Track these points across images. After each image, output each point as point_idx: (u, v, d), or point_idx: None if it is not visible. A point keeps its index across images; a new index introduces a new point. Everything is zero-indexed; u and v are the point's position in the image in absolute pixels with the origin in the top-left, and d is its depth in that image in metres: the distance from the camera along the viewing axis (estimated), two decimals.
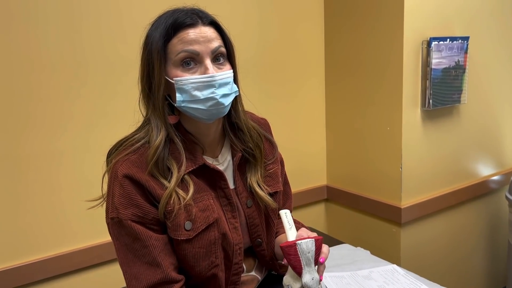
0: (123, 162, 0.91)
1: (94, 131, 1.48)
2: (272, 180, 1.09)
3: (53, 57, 1.38)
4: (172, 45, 0.90)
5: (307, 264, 0.89)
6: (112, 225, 0.92)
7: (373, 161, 1.89)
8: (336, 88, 2.01)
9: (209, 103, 0.90)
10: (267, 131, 1.14)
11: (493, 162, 2.14)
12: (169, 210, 0.91)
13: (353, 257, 1.70)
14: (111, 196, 0.92)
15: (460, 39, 1.78)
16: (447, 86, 1.78)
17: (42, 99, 1.38)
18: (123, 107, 1.50)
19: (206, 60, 0.90)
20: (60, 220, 1.45)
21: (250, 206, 1.05)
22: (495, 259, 2.28)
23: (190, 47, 0.89)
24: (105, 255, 1.52)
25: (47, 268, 1.43)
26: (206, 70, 0.89)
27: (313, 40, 1.99)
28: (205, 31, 0.90)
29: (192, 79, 0.89)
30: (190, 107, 0.91)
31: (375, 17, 1.76)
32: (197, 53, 0.89)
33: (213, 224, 0.95)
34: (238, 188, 1.03)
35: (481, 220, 2.15)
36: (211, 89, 0.90)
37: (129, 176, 0.90)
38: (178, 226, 0.91)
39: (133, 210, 0.90)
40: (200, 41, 0.89)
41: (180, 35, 0.89)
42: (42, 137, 1.39)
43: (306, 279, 0.88)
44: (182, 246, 0.93)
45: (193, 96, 0.89)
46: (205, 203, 0.95)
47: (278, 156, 1.16)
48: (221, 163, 1.02)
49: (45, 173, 1.41)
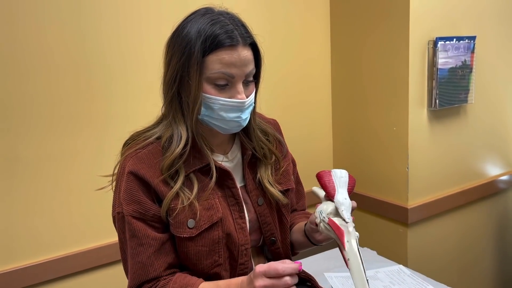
0: (131, 157, 0.94)
1: (103, 132, 1.50)
2: (283, 178, 1.09)
3: (61, 57, 1.40)
4: (209, 60, 0.88)
5: (341, 186, 0.91)
6: (118, 219, 0.95)
7: (379, 161, 1.88)
8: (342, 88, 2.01)
9: (232, 125, 0.94)
10: (277, 131, 1.14)
11: (501, 162, 2.13)
12: (172, 208, 0.92)
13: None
14: (118, 191, 0.95)
15: (467, 38, 1.77)
16: (454, 86, 1.77)
17: (50, 99, 1.40)
18: (134, 108, 1.52)
19: (238, 84, 0.91)
20: (67, 221, 1.47)
21: (261, 204, 1.05)
22: (505, 260, 2.26)
23: (228, 70, 0.89)
24: (114, 255, 1.53)
25: (56, 268, 1.45)
26: (237, 95, 0.91)
27: (319, 40, 2.00)
28: (244, 55, 0.90)
29: (222, 100, 0.90)
30: (212, 123, 0.94)
31: (381, 17, 1.76)
32: (233, 77, 0.90)
33: (216, 224, 0.95)
34: (248, 186, 1.04)
35: (490, 220, 2.14)
36: (238, 113, 0.92)
37: (134, 172, 0.91)
38: (180, 224, 0.93)
39: (134, 207, 0.91)
40: (237, 65, 0.89)
41: (220, 54, 0.88)
42: (50, 138, 1.41)
43: (339, 197, 0.89)
44: (184, 243, 0.94)
45: (219, 115, 0.92)
46: (210, 202, 0.96)
47: (289, 155, 1.16)
48: (231, 160, 1.03)
49: (53, 174, 1.43)
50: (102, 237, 1.53)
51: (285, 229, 1.09)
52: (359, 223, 2.02)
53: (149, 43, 1.53)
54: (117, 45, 1.48)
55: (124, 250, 0.97)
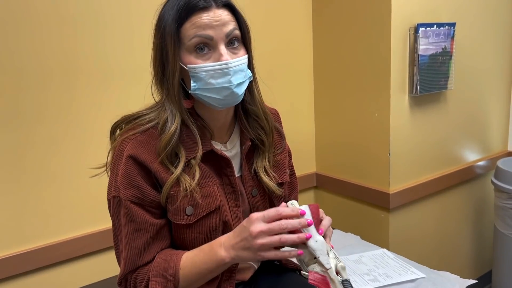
0: (130, 141, 0.91)
1: (97, 119, 1.46)
2: (279, 170, 1.08)
3: (57, 58, 1.36)
4: (185, 29, 0.87)
5: (308, 230, 0.86)
6: (113, 203, 0.92)
7: (361, 148, 1.90)
8: (324, 75, 2.02)
9: (224, 93, 0.89)
10: (277, 122, 1.13)
11: (479, 148, 2.18)
12: (171, 195, 0.90)
13: (343, 242, 1.72)
14: (114, 174, 0.92)
15: (447, 25, 1.79)
16: (434, 72, 1.79)
17: (49, 95, 1.36)
18: (118, 96, 1.49)
19: (220, 46, 0.87)
20: (60, 207, 1.44)
21: (255, 195, 1.04)
22: (482, 243, 2.32)
23: (203, 32, 0.86)
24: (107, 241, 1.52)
25: (40, 258, 1.42)
26: (221, 57, 0.87)
27: (301, 27, 1.99)
28: (219, 14, 0.87)
29: (206, 66, 0.87)
30: (205, 95, 0.90)
31: (363, 3, 1.76)
32: (211, 38, 0.87)
33: (214, 211, 0.94)
34: (244, 176, 1.02)
35: (468, 204, 2.19)
36: (226, 77, 0.88)
37: (134, 156, 0.89)
38: (179, 211, 0.91)
39: (133, 191, 0.89)
40: (213, 26, 0.86)
41: (193, 19, 0.86)
42: (45, 126, 1.38)
43: (311, 243, 0.85)
44: (182, 230, 0.93)
45: (208, 83, 0.88)
46: (208, 190, 0.94)
47: (286, 147, 1.15)
48: (229, 150, 1.01)
49: (45, 161, 1.40)
50: (94, 224, 1.51)
51: None
52: (342, 209, 2.04)
53: (139, 30, 1.50)
54: (107, 34, 1.45)
55: (117, 235, 0.95)
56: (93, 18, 1.43)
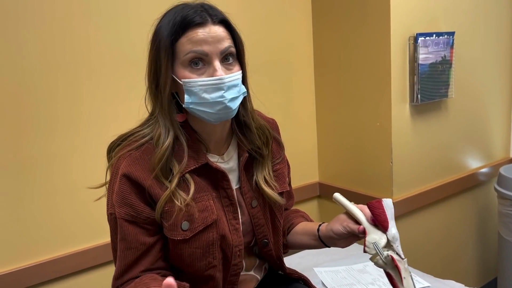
0: (124, 158, 0.92)
1: (94, 133, 1.47)
2: (279, 180, 1.08)
3: (53, 57, 1.38)
4: (180, 44, 0.88)
5: (391, 218, 0.93)
6: (110, 219, 0.95)
7: (364, 157, 1.91)
8: (326, 85, 2.03)
9: (218, 107, 0.90)
10: (275, 131, 1.13)
11: (481, 155, 2.18)
12: (166, 210, 0.91)
13: (348, 251, 1.72)
14: (111, 192, 0.94)
15: (446, 34, 1.81)
16: (435, 81, 1.80)
17: (43, 100, 1.37)
18: (123, 109, 1.50)
19: (214, 61, 0.88)
20: (58, 222, 1.44)
21: (255, 206, 1.03)
22: (486, 250, 2.31)
23: (198, 47, 0.87)
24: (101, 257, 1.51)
25: (46, 271, 1.42)
26: (215, 72, 0.88)
27: (302, 37, 2.00)
28: (215, 31, 0.89)
29: (200, 81, 0.88)
30: (198, 109, 0.90)
31: (363, 14, 1.78)
32: (206, 54, 0.88)
33: (211, 225, 0.94)
34: (243, 188, 1.02)
35: (471, 212, 2.19)
36: (220, 92, 0.88)
37: (127, 174, 0.90)
38: (174, 226, 0.91)
39: (126, 209, 0.90)
40: (209, 42, 0.87)
41: (189, 35, 0.88)
42: (41, 139, 1.38)
43: (393, 232, 0.92)
44: (179, 245, 0.93)
45: (202, 98, 0.89)
46: (204, 204, 0.94)
47: (285, 158, 1.16)
48: (226, 162, 1.01)
49: (44, 175, 1.40)
50: (91, 239, 1.51)
51: (278, 231, 1.09)
52: None
53: (134, 43, 1.52)
54: (101, 46, 1.47)
55: (115, 249, 0.96)
56: (99, 36, 1.46)
